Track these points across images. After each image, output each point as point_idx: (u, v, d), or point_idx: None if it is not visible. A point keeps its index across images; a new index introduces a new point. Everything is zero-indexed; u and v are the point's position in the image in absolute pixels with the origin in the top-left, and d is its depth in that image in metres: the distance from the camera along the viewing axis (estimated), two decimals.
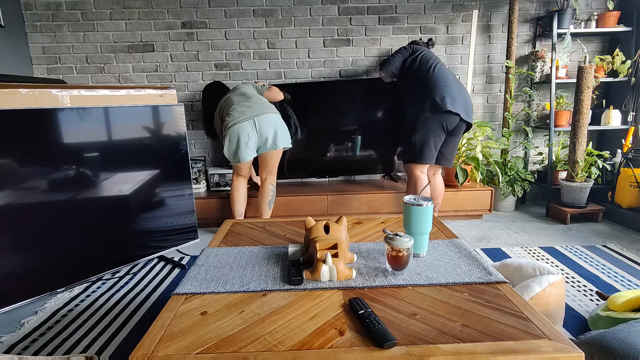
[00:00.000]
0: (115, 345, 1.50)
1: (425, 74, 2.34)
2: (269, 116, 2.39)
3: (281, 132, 2.43)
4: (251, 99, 2.43)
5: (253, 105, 2.39)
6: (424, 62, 2.40)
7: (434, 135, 2.27)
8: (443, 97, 2.22)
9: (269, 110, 2.42)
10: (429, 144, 2.28)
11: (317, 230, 1.14)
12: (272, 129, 2.39)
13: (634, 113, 2.96)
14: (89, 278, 2.00)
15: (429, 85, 2.32)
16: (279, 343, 0.80)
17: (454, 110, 2.20)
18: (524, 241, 2.49)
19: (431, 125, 2.26)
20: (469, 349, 0.77)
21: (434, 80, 2.32)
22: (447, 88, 2.26)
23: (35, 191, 1.76)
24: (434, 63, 2.38)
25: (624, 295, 1.46)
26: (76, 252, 1.92)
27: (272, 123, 2.40)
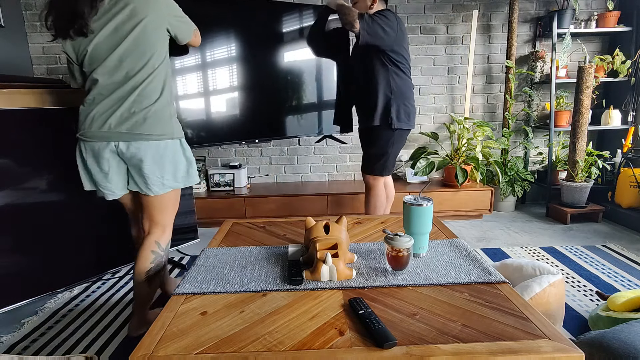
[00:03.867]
0: (115, 345, 1.50)
1: (408, 70, 2.10)
2: (150, 145, 1.36)
3: (162, 171, 1.40)
4: (128, 97, 1.33)
5: (124, 112, 1.33)
6: (407, 52, 2.09)
7: (399, 150, 2.18)
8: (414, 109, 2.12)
9: (152, 130, 1.35)
10: (396, 158, 2.19)
11: (317, 230, 1.14)
12: (147, 166, 1.37)
13: (634, 113, 2.96)
14: (89, 278, 2.00)
15: (409, 89, 2.10)
16: (279, 343, 0.80)
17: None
18: (524, 241, 2.49)
19: (404, 139, 2.15)
20: (469, 349, 0.77)
21: (411, 82, 2.12)
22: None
23: (35, 191, 1.76)
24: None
25: (624, 295, 1.46)
26: (76, 252, 1.92)
27: (150, 156, 1.36)
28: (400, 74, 2.04)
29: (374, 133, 2.10)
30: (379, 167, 2.15)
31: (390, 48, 1.97)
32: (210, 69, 2.30)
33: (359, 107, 2.21)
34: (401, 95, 2.04)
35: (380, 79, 2.02)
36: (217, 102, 2.36)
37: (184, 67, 2.20)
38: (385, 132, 2.07)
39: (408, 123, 2.08)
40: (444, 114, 3.25)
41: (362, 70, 2.09)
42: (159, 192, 1.43)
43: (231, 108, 2.41)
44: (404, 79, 2.05)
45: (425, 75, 3.17)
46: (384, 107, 2.04)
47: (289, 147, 3.25)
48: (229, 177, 3.01)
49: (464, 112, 3.10)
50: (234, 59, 2.37)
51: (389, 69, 2.01)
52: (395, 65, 2.01)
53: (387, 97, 2.03)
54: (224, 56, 2.33)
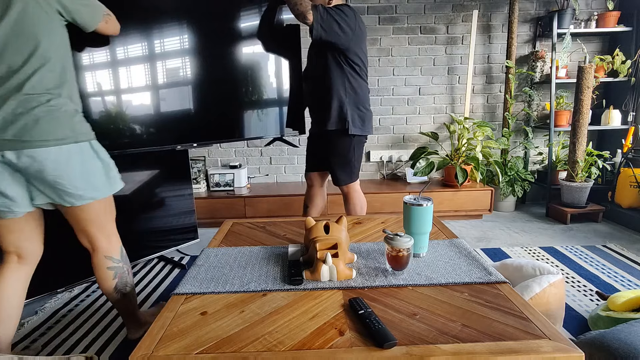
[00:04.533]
0: (115, 345, 1.50)
1: (365, 73, 1.99)
2: (49, 152, 1.14)
3: (73, 180, 1.20)
4: (12, 96, 1.11)
5: (8, 114, 1.10)
6: (365, 54, 1.98)
7: (360, 155, 2.09)
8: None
9: (47, 134, 1.14)
10: (360, 162, 2.11)
11: (317, 230, 1.14)
12: (50, 177, 1.17)
13: (634, 113, 2.96)
14: (89, 278, 2.00)
15: (365, 93, 2.01)
16: (279, 343, 0.80)
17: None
18: (524, 241, 2.49)
19: (363, 145, 2.07)
20: (469, 349, 0.77)
21: (367, 86, 2.03)
22: None
23: None
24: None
25: (624, 295, 1.46)
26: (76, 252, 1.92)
27: (51, 165, 1.15)
28: (356, 77, 1.92)
29: (330, 140, 1.99)
30: (347, 174, 2.05)
31: (347, 47, 1.84)
32: (136, 62, 1.83)
33: (312, 109, 2.06)
34: (357, 99, 1.94)
35: (336, 80, 1.90)
36: (141, 100, 1.88)
37: (96, 60, 1.72)
38: (342, 139, 1.96)
39: (362, 129, 1.97)
40: (444, 114, 3.25)
41: (316, 70, 1.95)
42: (76, 203, 1.22)
43: (160, 107, 1.95)
44: (360, 83, 1.95)
45: (425, 75, 3.17)
46: (338, 111, 1.92)
47: (288, 147, 3.25)
48: (229, 177, 3.01)
49: (464, 112, 3.10)
50: (168, 51, 1.94)
51: (345, 70, 1.89)
52: (352, 68, 1.90)
53: (341, 101, 1.91)
54: (155, 48, 1.92)
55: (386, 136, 3.27)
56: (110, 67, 1.76)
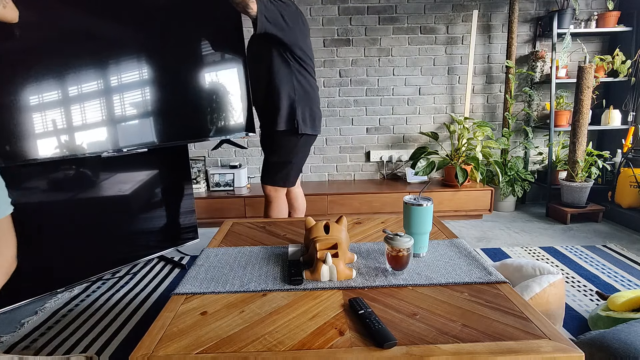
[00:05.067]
0: (115, 345, 1.50)
1: (312, 70, 1.90)
2: None
3: None
4: None
5: None
6: (311, 49, 1.90)
7: (305, 157, 2.00)
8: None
9: None
10: (300, 167, 2.01)
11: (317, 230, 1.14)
12: None
13: (634, 113, 2.96)
14: (89, 278, 2.00)
15: (314, 91, 1.92)
16: (279, 343, 0.80)
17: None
18: (524, 241, 2.49)
19: (309, 147, 1.97)
20: (469, 349, 0.77)
21: (315, 84, 1.93)
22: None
23: (35, 191, 1.76)
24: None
25: (624, 295, 1.46)
26: (76, 252, 1.92)
27: None
28: (304, 74, 1.84)
29: (277, 139, 1.90)
30: (281, 176, 1.94)
31: (294, 42, 1.76)
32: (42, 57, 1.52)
33: (259, 109, 1.97)
34: (306, 97, 1.86)
35: (283, 78, 1.81)
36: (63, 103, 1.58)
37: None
38: (290, 138, 1.88)
39: (313, 128, 1.91)
40: (444, 114, 3.25)
41: (261, 68, 1.85)
42: None
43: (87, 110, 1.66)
44: (308, 80, 1.87)
45: (425, 75, 3.17)
46: (288, 110, 1.83)
47: None
48: (229, 177, 3.01)
49: (464, 112, 3.10)
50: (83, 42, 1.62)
51: (292, 67, 1.80)
52: (299, 64, 1.82)
53: (291, 99, 1.83)
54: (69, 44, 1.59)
55: (386, 136, 3.27)
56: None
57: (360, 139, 3.27)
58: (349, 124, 3.24)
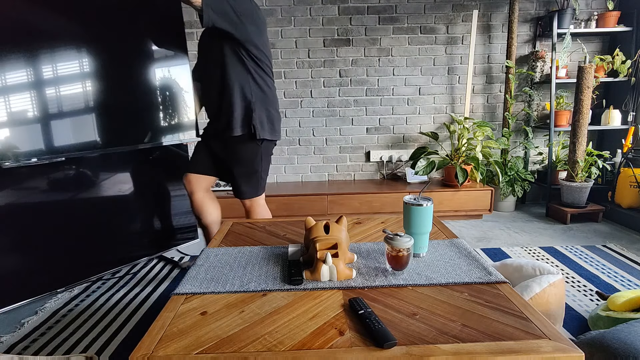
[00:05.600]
0: (115, 345, 1.50)
1: (270, 70, 1.77)
2: None
3: None
4: None
5: None
6: (268, 48, 1.76)
7: (268, 163, 1.87)
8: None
9: None
10: (267, 173, 1.88)
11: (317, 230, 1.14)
12: None
13: (634, 113, 2.96)
14: (89, 278, 2.00)
15: (273, 92, 1.79)
16: (279, 343, 0.80)
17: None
18: (524, 241, 2.49)
19: (271, 152, 1.85)
20: (469, 349, 0.77)
21: (274, 85, 1.81)
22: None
23: (35, 191, 1.76)
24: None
25: (624, 295, 1.46)
26: (76, 252, 1.92)
27: None
28: (261, 74, 1.71)
29: (233, 146, 1.74)
30: (252, 187, 1.82)
31: (247, 38, 1.61)
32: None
33: (211, 113, 1.79)
34: (264, 99, 1.72)
35: (238, 78, 1.66)
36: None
37: None
38: (249, 145, 1.73)
39: (273, 132, 1.77)
40: (444, 114, 3.25)
41: (214, 66, 1.68)
42: None
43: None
44: (266, 80, 1.74)
45: (425, 75, 3.17)
46: (244, 114, 1.69)
47: (289, 147, 3.25)
48: None
49: (464, 112, 3.10)
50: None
51: (248, 66, 1.66)
52: (256, 63, 1.68)
53: (247, 101, 1.68)
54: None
55: (386, 136, 3.27)
56: None
57: (360, 139, 3.27)
58: (349, 124, 3.24)
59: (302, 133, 3.23)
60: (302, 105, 3.19)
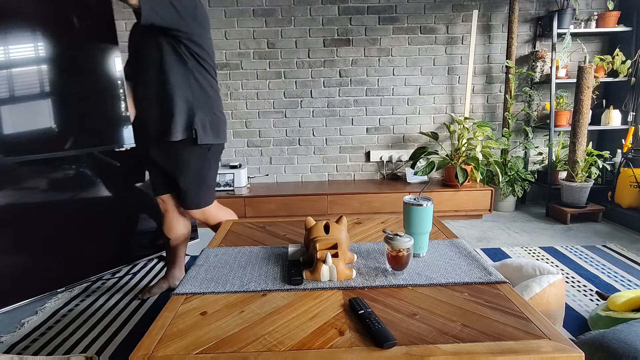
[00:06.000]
0: (115, 345, 1.50)
1: (213, 70, 1.65)
2: None
3: None
4: None
5: None
6: (211, 46, 1.63)
7: (216, 169, 1.75)
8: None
9: None
10: (215, 179, 1.76)
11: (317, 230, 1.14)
12: None
13: (634, 113, 2.96)
14: (89, 278, 2.00)
15: (216, 94, 1.67)
16: (279, 343, 0.80)
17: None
18: (524, 241, 2.49)
19: (219, 157, 1.73)
20: (469, 349, 0.77)
21: (217, 86, 1.68)
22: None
23: (35, 191, 1.76)
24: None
25: (624, 295, 1.46)
26: (76, 252, 1.92)
27: None
28: (204, 73, 1.58)
29: (177, 154, 1.59)
30: (201, 196, 1.68)
31: (188, 36, 1.49)
32: None
33: (146, 116, 1.62)
34: (207, 101, 1.59)
35: (178, 78, 1.53)
36: None
37: None
38: (192, 152, 1.59)
39: (218, 136, 1.63)
40: (444, 114, 3.25)
41: (150, 64, 1.53)
42: None
43: None
44: (210, 81, 1.61)
45: (425, 75, 3.17)
46: (185, 116, 1.54)
47: (289, 147, 3.25)
48: (229, 177, 3.01)
49: (464, 112, 3.10)
50: None
51: (188, 65, 1.53)
52: (198, 62, 1.55)
53: (188, 103, 1.55)
54: None
55: (386, 136, 3.27)
56: None
57: (360, 139, 3.27)
58: (349, 124, 3.24)
59: (302, 133, 3.23)
60: (302, 105, 3.19)
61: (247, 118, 3.19)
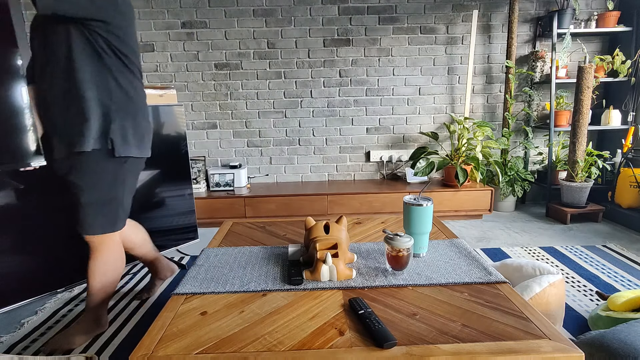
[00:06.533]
0: (115, 345, 1.50)
1: (139, 70, 1.41)
2: None
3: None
4: None
5: None
6: (137, 43, 1.39)
7: (133, 188, 1.47)
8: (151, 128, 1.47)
9: None
10: (131, 197, 1.47)
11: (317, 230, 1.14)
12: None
13: (634, 113, 2.96)
14: None
15: (142, 98, 1.42)
16: (279, 343, 0.80)
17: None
18: (524, 241, 2.49)
19: (138, 171, 1.46)
20: (469, 349, 0.77)
21: (143, 89, 1.44)
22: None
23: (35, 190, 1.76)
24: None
25: (624, 295, 1.46)
26: (76, 252, 1.92)
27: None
28: (126, 74, 1.34)
29: (86, 167, 1.31)
30: (105, 220, 1.38)
31: (108, 28, 1.26)
32: None
33: (51, 122, 1.33)
34: (130, 106, 1.34)
35: (93, 77, 1.27)
36: None
37: None
38: (105, 165, 1.32)
39: (141, 148, 1.39)
40: (444, 114, 3.25)
41: (56, 61, 1.26)
42: None
43: None
44: (133, 83, 1.37)
45: (425, 75, 3.17)
46: (99, 123, 1.28)
47: (289, 147, 3.25)
48: (229, 177, 3.01)
49: (464, 112, 3.10)
50: None
51: (106, 62, 1.28)
52: (119, 59, 1.31)
53: (104, 107, 1.29)
54: None
55: (386, 136, 3.27)
56: None
57: (360, 139, 3.27)
58: (349, 124, 3.24)
59: (302, 133, 3.23)
60: (302, 105, 3.19)
61: (247, 118, 3.19)
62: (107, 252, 1.43)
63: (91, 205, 1.35)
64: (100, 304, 1.50)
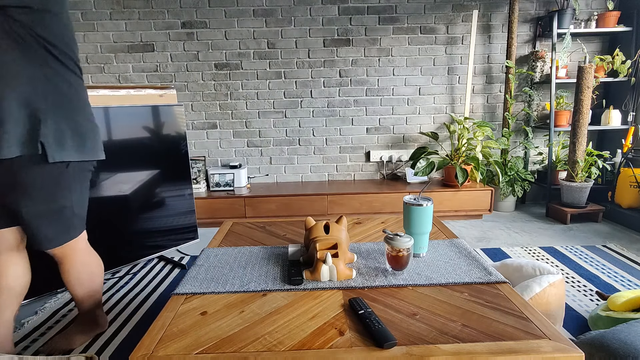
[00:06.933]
0: (115, 345, 1.50)
1: (77, 67, 1.27)
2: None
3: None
4: None
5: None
6: (74, 39, 1.25)
7: (85, 192, 1.34)
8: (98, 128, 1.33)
9: None
10: (85, 204, 1.35)
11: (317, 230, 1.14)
12: None
13: (634, 113, 2.96)
14: None
15: (80, 96, 1.26)
16: (279, 343, 0.80)
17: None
18: (524, 241, 2.49)
19: (87, 176, 1.33)
20: (469, 349, 0.77)
21: (84, 86, 1.30)
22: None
23: None
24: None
25: (624, 295, 1.46)
26: None
27: None
28: (58, 68, 1.19)
29: (18, 176, 1.16)
30: (60, 230, 1.27)
31: (29, 14, 1.11)
32: None
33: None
34: (66, 104, 1.20)
35: (17, 72, 1.12)
36: None
37: None
38: (38, 172, 1.17)
39: (82, 150, 1.24)
40: (444, 114, 3.25)
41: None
42: None
43: None
44: (70, 79, 1.23)
45: (425, 75, 3.17)
46: (23, 125, 1.13)
47: (289, 147, 3.25)
48: (229, 177, 3.01)
49: (464, 112, 3.10)
50: None
51: (39, 55, 1.15)
52: (46, 50, 1.16)
53: (28, 107, 1.13)
54: None
55: (386, 136, 3.27)
56: None
57: (360, 139, 3.27)
58: (349, 124, 3.24)
59: (302, 133, 3.23)
60: (302, 105, 3.19)
61: (247, 118, 3.19)
62: (74, 262, 1.35)
63: (38, 217, 1.21)
64: (92, 308, 1.50)
